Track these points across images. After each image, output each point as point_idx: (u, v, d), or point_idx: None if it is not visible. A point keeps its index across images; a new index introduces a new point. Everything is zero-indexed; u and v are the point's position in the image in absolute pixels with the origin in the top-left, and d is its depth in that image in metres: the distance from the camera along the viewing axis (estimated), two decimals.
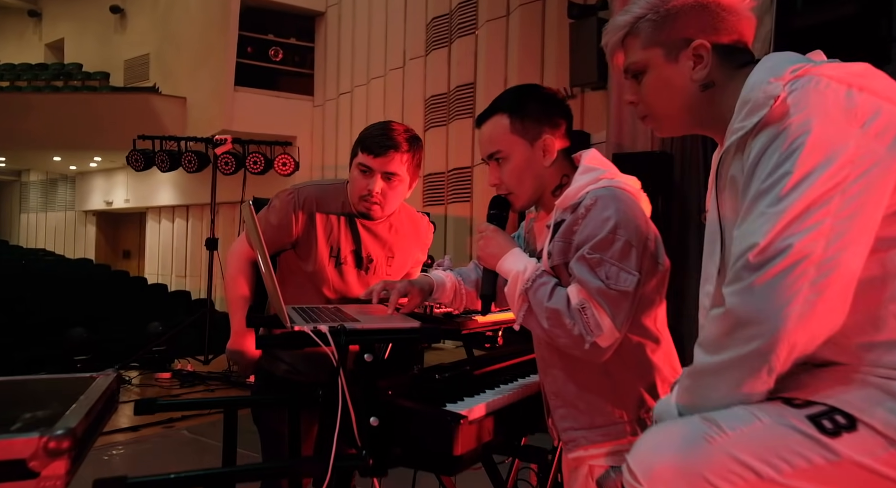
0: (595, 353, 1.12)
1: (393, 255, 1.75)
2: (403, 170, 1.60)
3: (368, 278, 1.72)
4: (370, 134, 1.60)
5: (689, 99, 0.99)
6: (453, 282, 1.44)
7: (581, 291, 1.12)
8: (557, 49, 5.85)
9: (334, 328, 1.09)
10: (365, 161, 1.59)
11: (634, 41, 1.03)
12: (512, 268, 1.20)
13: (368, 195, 1.60)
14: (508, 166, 1.25)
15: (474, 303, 1.45)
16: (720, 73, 0.97)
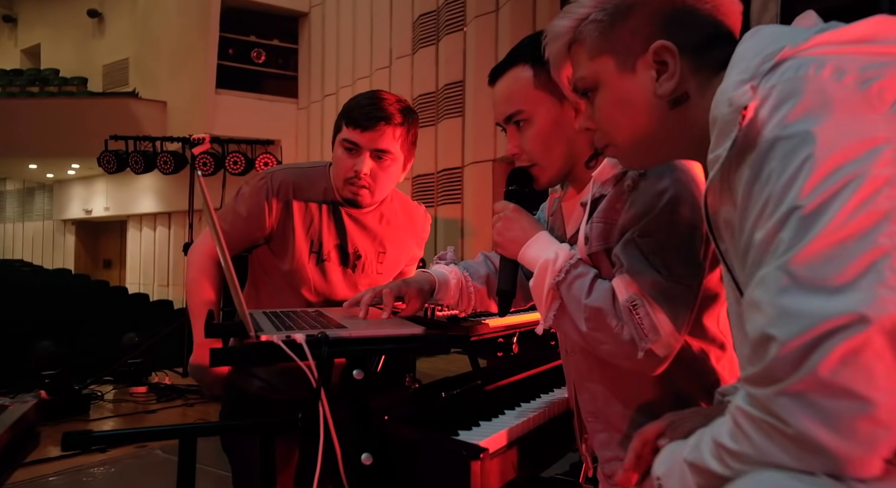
0: (649, 364, 0.87)
1: (384, 250, 1.49)
2: (396, 146, 1.35)
3: (356, 278, 1.46)
4: (357, 104, 1.35)
5: (655, 120, 0.75)
6: (458, 278, 1.18)
7: (631, 285, 0.87)
8: None
9: (313, 337, 0.84)
10: (351, 136, 1.34)
11: (580, 50, 0.80)
12: (539, 256, 0.95)
13: (355, 177, 1.34)
14: (532, 130, 1.01)
15: (484, 303, 1.20)
16: (694, 80, 0.73)
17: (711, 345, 0.97)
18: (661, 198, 0.88)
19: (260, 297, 1.45)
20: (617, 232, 0.92)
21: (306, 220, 1.41)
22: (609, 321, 0.88)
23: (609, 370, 0.98)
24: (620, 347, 0.88)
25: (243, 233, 1.39)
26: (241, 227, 1.38)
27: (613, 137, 0.80)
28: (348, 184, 1.37)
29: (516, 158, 1.04)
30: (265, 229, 1.39)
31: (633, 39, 0.75)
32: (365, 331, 0.90)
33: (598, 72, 0.78)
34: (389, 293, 1.09)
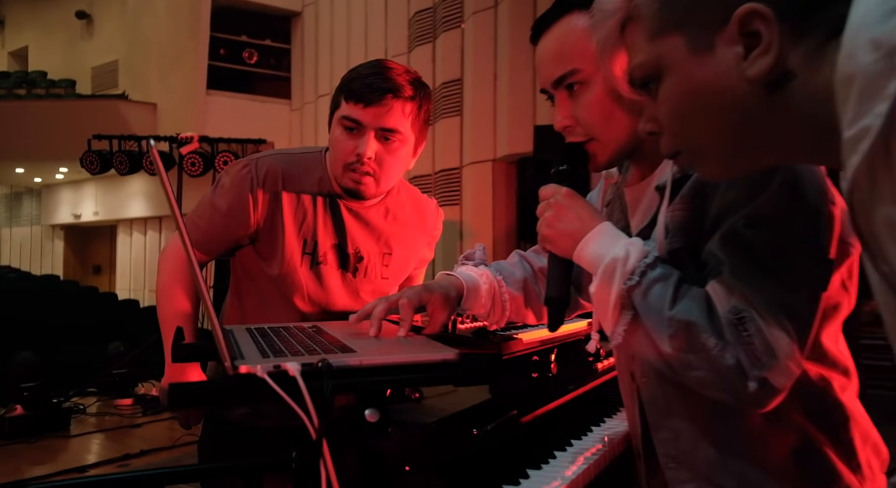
0: (760, 397, 0.65)
1: (390, 251, 1.27)
2: (406, 125, 1.13)
3: (357, 283, 1.24)
4: (358, 74, 1.13)
5: (745, 113, 0.55)
6: (491, 282, 0.96)
7: (735, 291, 0.65)
8: None
9: (310, 367, 0.62)
10: (352, 113, 1.11)
11: (637, 30, 0.63)
12: (603, 253, 0.73)
13: (357, 162, 1.12)
14: (590, 95, 0.79)
15: (520, 313, 0.98)
16: (798, 52, 0.52)
17: (833, 371, 0.75)
18: (774, 175, 0.67)
19: (244, 309, 1.23)
20: (709, 222, 0.70)
21: (298, 216, 1.19)
22: (704, 339, 0.66)
23: (699, 403, 0.75)
24: (720, 375, 0.66)
25: (224, 231, 1.17)
26: (221, 225, 1.16)
27: (688, 139, 0.60)
28: (349, 170, 1.14)
29: (567, 132, 0.83)
30: (250, 226, 1.17)
31: (707, 9, 0.55)
32: (380, 356, 0.68)
33: (662, 55, 0.59)
34: (408, 303, 0.87)
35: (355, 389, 0.65)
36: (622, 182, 0.92)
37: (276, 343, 0.75)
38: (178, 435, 3.91)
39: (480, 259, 1.04)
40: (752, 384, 0.64)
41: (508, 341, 0.99)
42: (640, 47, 0.61)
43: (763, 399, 0.66)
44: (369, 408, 0.67)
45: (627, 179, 0.91)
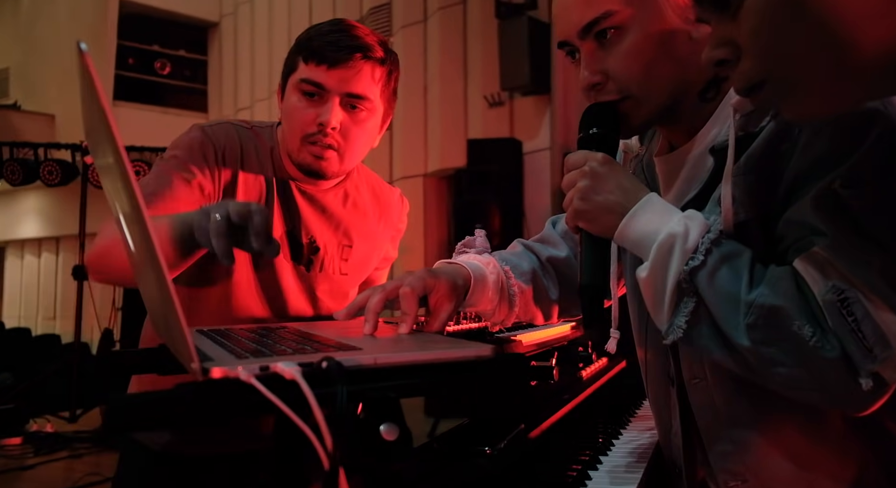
0: (868, 396, 0.54)
1: (350, 243, 1.10)
2: (376, 92, 0.99)
3: (313, 279, 1.06)
4: (318, 32, 0.97)
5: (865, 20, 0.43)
6: (498, 273, 0.82)
7: (834, 267, 0.54)
8: (483, 52, 5.47)
9: (313, 367, 0.45)
10: (314, 75, 0.95)
11: None
12: (655, 229, 0.61)
13: (319, 132, 0.96)
14: (626, 42, 0.67)
15: (529, 310, 0.84)
16: None
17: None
18: (870, 129, 0.56)
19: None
20: (784, 188, 0.59)
21: (251, 198, 1.00)
22: (797, 328, 0.54)
23: (772, 407, 0.63)
24: (817, 371, 0.54)
25: (185, 200, 0.94)
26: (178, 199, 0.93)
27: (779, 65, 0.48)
28: (308, 143, 0.98)
29: (597, 91, 0.70)
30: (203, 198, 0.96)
31: None
32: (399, 354, 0.51)
33: None
34: (411, 292, 0.70)
35: (373, 395, 0.48)
36: (647, 153, 0.81)
37: (248, 344, 0.57)
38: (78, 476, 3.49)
39: (483, 246, 0.89)
40: (866, 380, 0.53)
41: (509, 343, 0.84)
42: None
43: (869, 398, 0.55)
44: (385, 423, 0.50)
45: (654, 150, 0.79)
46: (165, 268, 0.41)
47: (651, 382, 0.81)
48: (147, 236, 0.41)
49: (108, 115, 0.39)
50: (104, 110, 0.39)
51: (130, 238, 0.53)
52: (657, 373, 0.78)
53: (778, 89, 0.50)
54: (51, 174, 4.63)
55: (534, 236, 0.99)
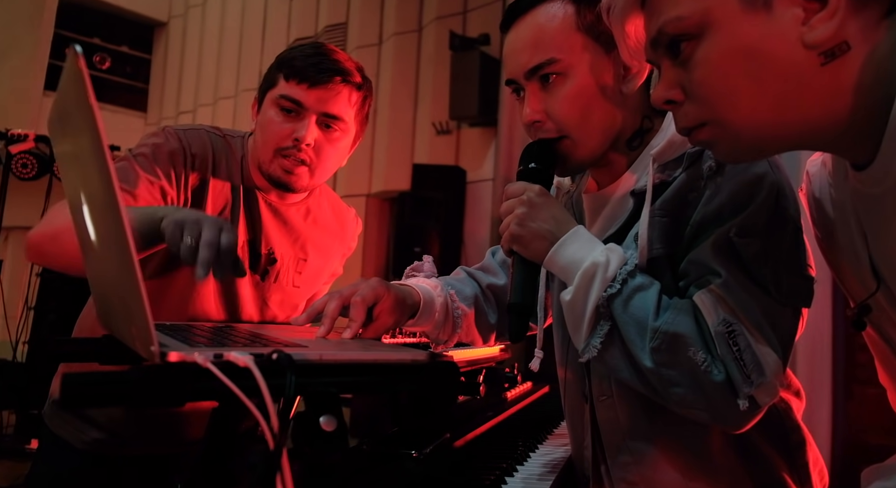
0: (742, 417, 0.63)
1: (306, 257, 1.14)
2: (351, 115, 1.04)
3: (267, 289, 1.09)
4: (301, 53, 1.02)
5: (795, 82, 0.53)
6: (444, 297, 0.87)
7: (722, 302, 0.62)
8: (434, 81, 5.60)
9: (264, 358, 0.49)
10: (293, 93, 1.00)
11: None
12: (581, 257, 0.68)
13: (293, 147, 1.00)
14: (568, 88, 0.75)
15: (471, 331, 0.90)
16: (854, 25, 0.51)
17: (788, 393, 0.75)
18: (760, 187, 0.66)
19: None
20: (690, 231, 0.68)
21: (219, 204, 1.03)
22: (692, 353, 0.62)
23: (664, 424, 0.71)
24: (706, 391, 0.62)
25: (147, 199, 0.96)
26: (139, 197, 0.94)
27: (721, 109, 0.56)
28: (280, 156, 1.01)
29: (537, 128, 0.78)
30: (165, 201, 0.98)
31: None
32: (342, 353, 0.56)
33: (709, 9, 0.54)
34: (361, 302, 0.75)
35: (316, 389, 0.52)
36: (576, 190, 0.89)
37: (201, 337, 0.60)
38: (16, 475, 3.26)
39: (430, 271, 0.95)
40: (743, 402, 0.61)
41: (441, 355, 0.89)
42: (679, 0, 0.56)
43: (745, 418, 0.64)
44: (324, 415, 0.54)
45: (583, 187, 0.87)
46: (135, 257, 0.44)
47: (568, 399, 0.88)
48: (120, 224, 0.44)
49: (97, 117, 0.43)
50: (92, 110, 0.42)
51: (92, 225, 0.56)
52: (574, 391, 0.85)
53: (715, 132, 0.58)
54: None
55: (474, 264, 1.06)
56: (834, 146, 0.59)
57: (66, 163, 0.59)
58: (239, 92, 7.96)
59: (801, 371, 2.76)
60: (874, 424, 2.72)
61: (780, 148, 0.60)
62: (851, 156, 0.58)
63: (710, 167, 0.70)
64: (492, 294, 0.97)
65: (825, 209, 0.69)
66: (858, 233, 0.61)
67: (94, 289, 0.66)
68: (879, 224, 0.57)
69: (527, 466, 0.88)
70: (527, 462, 0.90)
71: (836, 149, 0.60)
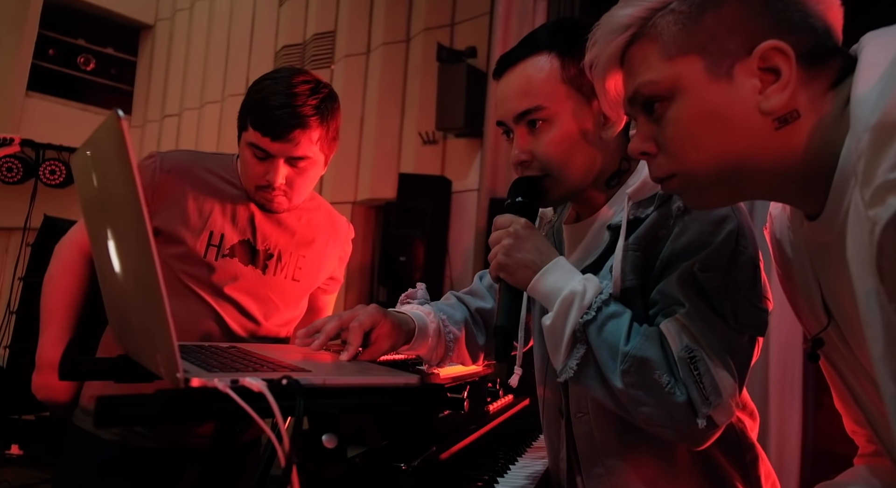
0: (701, 434, 0.70)
1: (305, 254, 1.26)
2: (315, 150, 1.17)
3: (267, 281, 1.22)
4: (265, 102, 1.12)
5: (753, 143, 0.61)
6: (437, 323, 0.94)
7: (687, 330, 0.70)
8: (421, 92, 5.66)
9: (276, 383, 0.55)
10: (260, 143, 1.13)
11: (649, 48, 0.65)
12: (560, 286, 0.75)
13: (268, 186, 1.16)
14: (552, 133, 0.82)
15: (461, 353, 0.97)
16: (804, 95, 0.59)
17: (744, 413, 0.83)
18: (723, 227, 0.74)
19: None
20: (659, 265, 0.75)
21: (205, 209, 1.17)
22: (657, 376, 0.69)
23: (633, 440, 0.79)
24: (669, 410, 0.69)
25: None
26: None
27: (687, 163, 0.63)
28: (261, 191, 1.18)
29: (523, 167, 0.85)
30: None
31: (731, 38, 0.60)
32: (344, 377, 0.62)
33: (679, 75, 0.62)
34: (359, 327, 0.81)
35: (318, 410, 0.58)
36: (557, 220, 0.96)
37: (213, 361, 0.65)
38: None
39: (424, 298, 1.02)
40: (701, 421, 0.69)
41: (429, 375, 0.96)
42: (653, 65, 0.63)
43: (705, 436, 0.71)
44: (326, 433, 0.60)
45: (564, 218, 0.95)
46: (165, 296, 0.50)
47: (546, 415, 0.94)
48: (152, 266, 0.50)
49: (136, 174, 0.48)
50: (132, 168, 0.48)
51: (118, 259, 0.61)
52: (552, 408, 0.92)
53: (683, 183, 0.66)
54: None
55: (458, 273, 1.14)
56: (788, 198, 0.67)
57: (91, 202, 0.65)
58: (225, 97, 7.95)
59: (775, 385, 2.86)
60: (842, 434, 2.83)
61: (740, 198, 0.68)
62: (804, 208, 0.66)
63: (679, 207, 0.77)
64: (480, 317, 1.04)
65: (784, 249, 0.76)
66: (812, 274, 0.69)
67: (112, 312, 0.72)
68: (828, 268, 0.64)
69: (507, 477, 0.94)
70: (507, 474, 0.97)
71: (791, 201, 0.67)
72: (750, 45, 0.59)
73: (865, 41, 0.59)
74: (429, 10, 5.64)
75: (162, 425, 0.52)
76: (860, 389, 0.67)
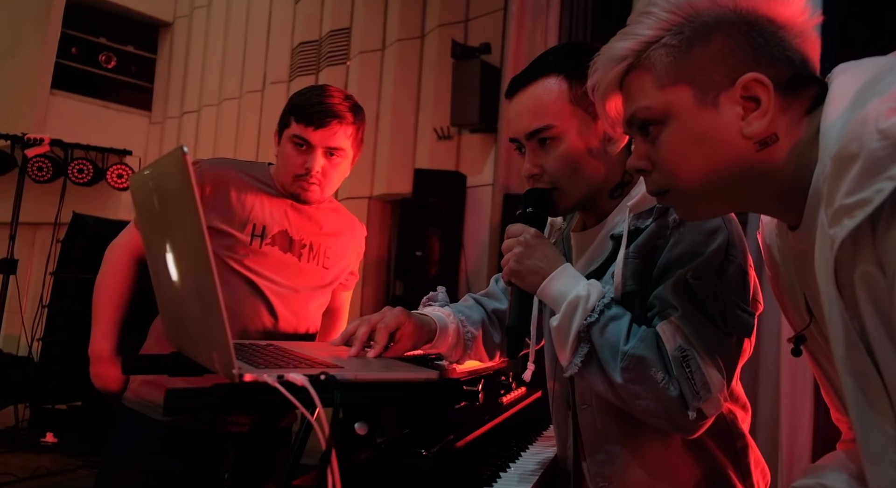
0: (692, 425, 0.78)
1: (331, 245, 1.43)
2: (348, 144, 1.35)
3: (303, 266, 1.39)
4: (307, 100, 1.32)
5: (736, 163, 0.67)
6: (456, 324, 1.03)
7: (680, 332, 0.77)
8: (436, 88, 5.72)
9: (316, 379, 0.63)
10: (302, 133, 1.31)
11: (644, 77, 0.71)
12: (566, 291, 0.82)
13: (306, 174, 1.32)
14: (560, 149, 0.90)
15: (479, 351, 1.05)
16: (782, 121, 0.66)
17: (736, 406, 0.90)
18: (714, 238, 0.81)
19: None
20: (657, 271, 0.83)
21: (246, 205, 1.34)
22: (653, 373, 0.77)
23: (632, 429, 0.87)
24: (664, 404, 0.77)
25: None
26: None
27: (679, 180, 0.70)
28: (298, 180, 1.34)
29: (534, 179, 0.93)
30: None
31: (716, 70, 0.67)
32: (372, 373, 0.71)
33: (671, 103, 0.69)
34: (385, 328, 0.90)
35: (352, 402, 0.67)
36: (566, 228, 1.04)
37: (258, 358, 0.74)
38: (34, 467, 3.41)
39: (444, 300, 1.10)
40: (692, 413, 0.77)
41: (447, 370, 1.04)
42: (648, 93, 0.70)
43: (696, 426, 0.79)
44: (358, 422, 0.69)
45: (573, 226, 1.02)
46: (222, 304, 0.59)
47: (555, 406, 1.02)
48: (211, 278, 0.59)
49: (198, 201, 0.57)
50: (195, 196, 0.57)
51: (175, 268, 0.70)
52: (560, 400, 1.00)
53: (675, 197, 0.73)
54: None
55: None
56: (771, 211, 0.74)
57: (150, 218, 0.74)
58: (243, 93, 8.06)
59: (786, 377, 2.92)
60: None
61: (727, 211, 0.75)
62: (785, 219, 0.73)
63: (675, 219, 0.85)
64: (496, 317, 1.13)
65: (773, 254, 0.83)
66: (795, 277, 0.76)
67: (166, 314, 0.81)
68: (807, 273, 0.71)
69: (519, 463, 1.03)
70: (519, 460, 1.05)
71: (773, 213, 0.74)
72: (733, 76, 0.66)
73: (836, 73, 0.66)
74: (443, 6, 5.68)
75: (220, 414, 0.61)
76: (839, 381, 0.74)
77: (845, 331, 0.58)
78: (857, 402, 0.60)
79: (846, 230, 0.54)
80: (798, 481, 0.77)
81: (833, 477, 0.75)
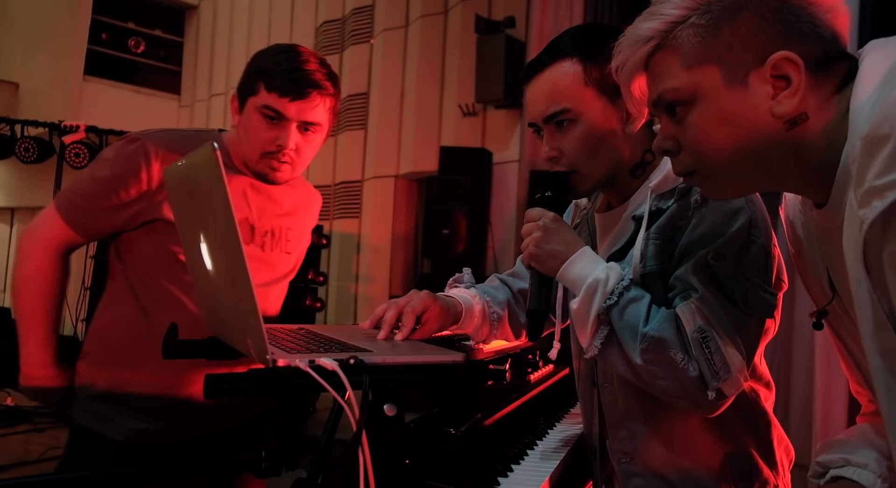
0: (712, 404, 0.78)
1: (292, 227, 1.29)
2: (326, 117, 1.17)
3: (268, 256, 1.24)
4: (276, 64, 1.12)
5: (766, 142, 0.66)
6: (481, 305, 1.04)
7: (700, 313, 0.77)
8: (460, 64, 5.67)
9: (345, 362, 0.66)
10: (276, 104, 1.11)
11: (671, 58, 0.70)
12: (585, 274, 0.83)
13: (277, 152, 1.13)
14: (577, 131, 0.90)
15: (504, 331, 1.07)
16: (813, 99, 0.65)
17: (759, 384, 0.90)
18: (737, 219, 0.80)
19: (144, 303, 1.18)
20: (678, 252, 0.83)
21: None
22: (672, 354, 0.77)
23: (653, 407, 0.88)
24: (683, 384, 0.78)
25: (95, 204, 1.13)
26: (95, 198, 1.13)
27: (708, 160, 0.70)
28: (266, 158, 1.15)
29: (553, 162, 0.93)
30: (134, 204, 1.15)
31: (746, 49, 0.66)
32: (400, 356, 0.73)
33: (699, 83, 0.68)
34: (412, 312, 0.92)
35: (379, 384, 0.69)
36: (590, 208, 1.04)
37: (289, 342, 0.77)
38: (38, 450, 3.55)
39: (470, 282, 1.12)
40: (711, 393, 0.77)
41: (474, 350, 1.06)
42: (675, 74, 0.69)
43: (715, 406, 0.79)
44: (387, 403, 0.72)
45: (596, 206, 1.02)
46: (254, 292, 0.61)
47: (581, 385, 1.04)
48: (243, 268, 0.61)
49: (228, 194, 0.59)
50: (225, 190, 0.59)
51: (210, 258, 0.73)
52: (585, 379, 1.02)
53: (703, 177, 0.73)
54: (27, 152, 4.63)
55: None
56: (798, 189, 0.73)
57: (184, 209, 0.77)
58: None
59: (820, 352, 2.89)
60: None
61: (754, 190, 0.74)
62: (812, 197, 0.72)
63: (696, 200, 0.84)
64: (521, 297, 1.14)
65: (797, 230, 0.82)
66: (819, 254, 0.75)
67: (202, 302, 0.84)
68: (832, 250, 0.71)
69: (546, 440, 1.05)
70: (546, 437, 1.07)
71: (801, 191, 0.74)
72: (763, 55, 0.65)
73: (867, 50, 0.65)
74: None
75: (256, 397, 0.64)
76: (860, 355, 0.74)
77: (874, 310, 0.58)
78: (885, 381, 0.61)
79: (876, 211, 0.53)
80: (821, 456, 0.77)
81: (859, 453, 0.75)
